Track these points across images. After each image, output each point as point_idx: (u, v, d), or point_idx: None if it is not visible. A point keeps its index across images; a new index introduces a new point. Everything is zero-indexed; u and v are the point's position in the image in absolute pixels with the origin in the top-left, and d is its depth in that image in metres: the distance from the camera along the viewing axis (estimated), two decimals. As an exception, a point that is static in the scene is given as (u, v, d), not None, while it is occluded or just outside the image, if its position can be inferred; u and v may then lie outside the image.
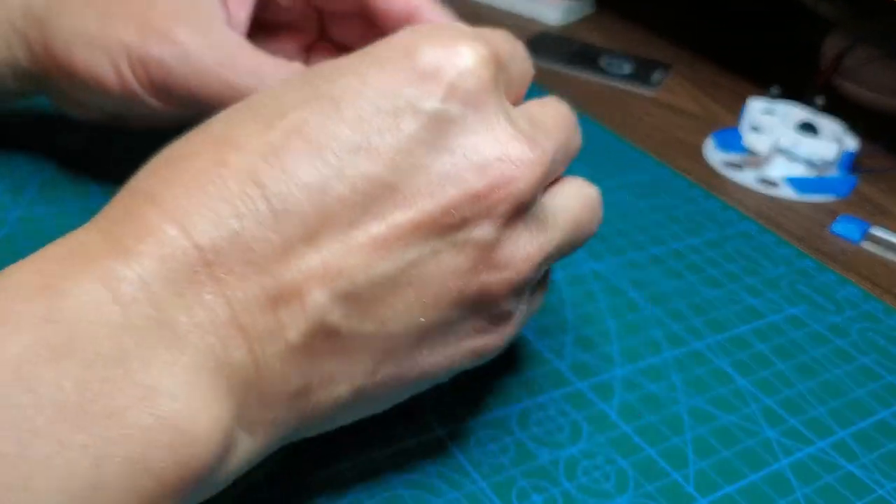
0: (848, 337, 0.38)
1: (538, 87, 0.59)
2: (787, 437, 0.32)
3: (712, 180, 0.50)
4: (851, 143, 0.51)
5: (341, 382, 0.22)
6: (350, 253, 0.21)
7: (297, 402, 0.22)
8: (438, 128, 0.22)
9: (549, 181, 0.25)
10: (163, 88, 0.34)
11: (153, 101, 0.35)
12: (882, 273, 0.43)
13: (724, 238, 0.44)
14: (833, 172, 0.52)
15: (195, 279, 0.20)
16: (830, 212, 0.48)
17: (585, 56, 0.65)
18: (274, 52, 0.39)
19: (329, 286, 0.21)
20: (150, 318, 0.19)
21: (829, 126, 0.52)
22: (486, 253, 0.23)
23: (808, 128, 0.53)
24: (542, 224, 0.25)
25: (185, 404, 0.19)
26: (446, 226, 0.22)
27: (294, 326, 0.21)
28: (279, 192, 0.21)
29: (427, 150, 0.22)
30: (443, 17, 0.36)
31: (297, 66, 0.35)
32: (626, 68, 0.64)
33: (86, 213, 0.38)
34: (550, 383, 0.32)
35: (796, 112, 0.53)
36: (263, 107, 0.22)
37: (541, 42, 0.67)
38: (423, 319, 0.23)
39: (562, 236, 0.26)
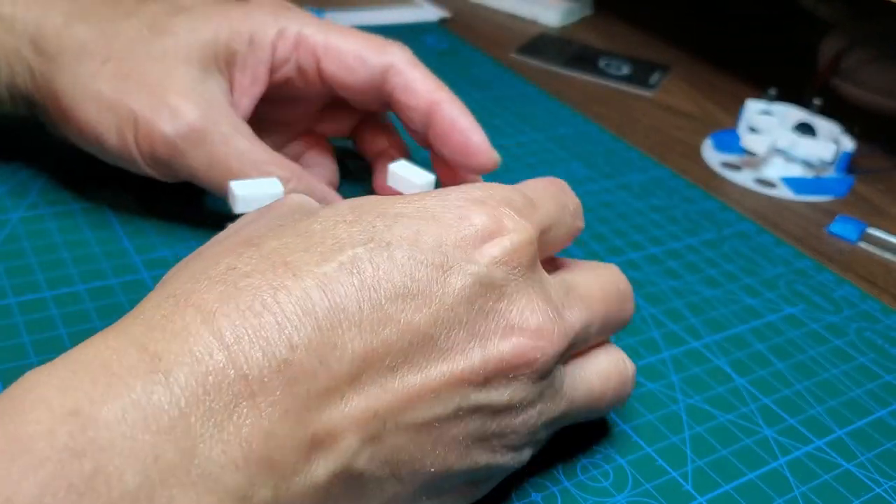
0: (846, 336, 0.38)
1: (538, 89, 0.59)
2: (785, 435, 0.32)
3: (710, 181, 0.50)
4: (849, 143, 0.52)
5: None
6: (386, 398, 0.21)
7: None
8: (480, 290, 0.23)
9: (574, 351, 0.26)
10: (162, 161, 0.35)
11: (147, 169, 0.35)
12: (879, 273, 0.43)
13: (722, 238, 0.44)
14: (830, 173, 0.52)
15: (236, 411, 0.19)
16: (828, 212, 0.49)
17: (584, 57, 0.65)
18: (275, 121, 0.40)
19: (363, 430, 0.21)
20: (183, 451, 0.18)
21: (827, 127, 0.52)
22: (497, 414, 0.24)
23: (805, 129, 0.53)
24: (552, 393, 0.25)
25: None
26: (471, 384, 0.23)
27: (323, 466, 0.21)
28: (331, 325, 0.21)
29: (466, 309, 0.23)
30: (461, 114, 0.37)
31: (294, 167, 0.36)
32: (625, 70, 0.64)
33: (86, 214, 0.38)
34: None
35: (794, 113, 0.53)
36: (315, 235, 0.23)
37: (540, 43, 0.67)
38: (432, 469, 0.23)
39: (569, 407, 0.26)
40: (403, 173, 0.35)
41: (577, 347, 0.26)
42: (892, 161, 0.55)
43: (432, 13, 0.69)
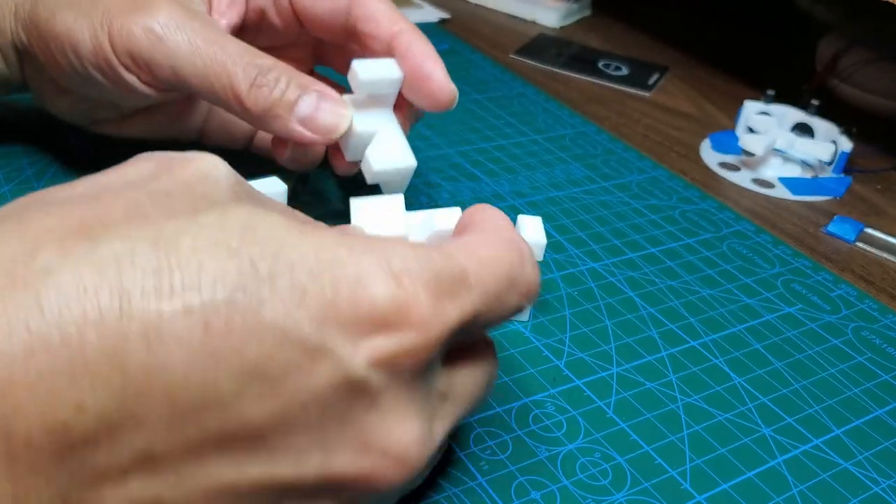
0: (843, 336, 0.38)
1: (537, 90, 0.59)
2: (782, 434, 0.32)
3: (708, 181, 0.51)
4: (846, 144, 0.52)
5: None
6: (180, 489, 0.18)
7: None
8: (346, 394, 0.19)
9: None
10: (140, 56, 0.33)
11: (124, 73, 0.34)
12: (876, 272, 0.44)
13: (719, 238, 0.44)
14: (828, 173, 0.52)
15: None
16: (825, 212, 0.49)
17: (583, 58, 0.66)
18: None
19: None
20: None
21: (825, 127, 0.53)
22: None
23: (803, 129, 0.53)
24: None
25: None
26: (294, 493, 0.19)
27: None
28: (141, 390, 0.16)
29: (320, 412, 0.18)
30: (420, 42, 0.35)
31: (268, 60, 0.33)
32: (623, 70, 0.65)
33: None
34: (548, 380, 0.33)
35: (792, 114, 0.54)
36: (174, 252, 0.18)
37: (539, 44, 0.67)
38: None
39: None
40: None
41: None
42: (889, 161, 0.55)
43: (432, 14, 0.69)
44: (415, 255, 0.20)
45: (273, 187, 0.33)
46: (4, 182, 0.40)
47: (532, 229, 0.34)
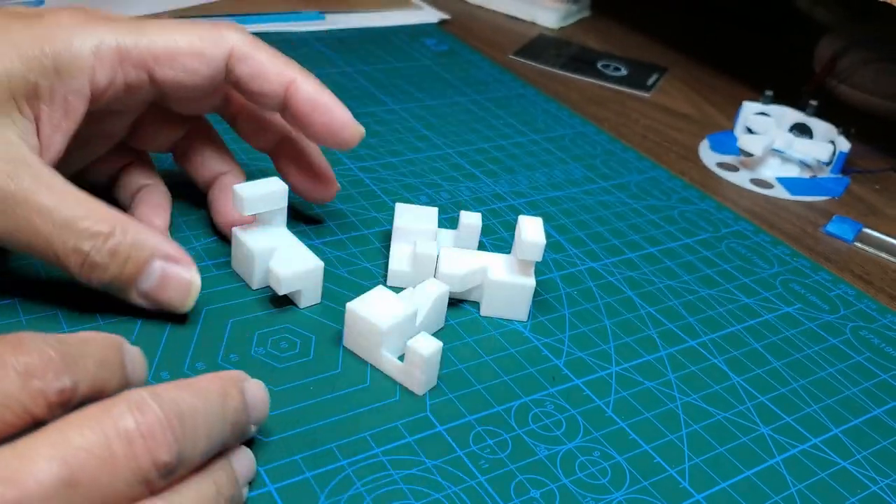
0: (842, 335, 0.38)
1: (536, 90, 0.59)
2: (781, 433, 0.32)
3: (707, 181, 0.51)
4: (844, 144, 0.52)
5: None
6: None
7: None
8: None
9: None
10: None
11: None
12: (875, 272, 0.44)
13: (718, 238, 0.44)
14: (826, 173, 0.52)
15: None
16: (824, 212, 0.49)
17: (582, 59, 0.66)
18: (91, 134, 0.34)
19: None
20: None
21: (823, 128, 0.53)
22: None
23: (801, 129, 0.53)
24: None
25: None
26: None
27: None
28: None
29: None
30: (319, 91, 0.34)
31: (117, 218, 0.30)
32: (623, 71, 0.65)
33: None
34: (548, 380, 0.33)
35: (790, 114, 0.54)
36: None
37: (538, 45, 0.67)
38: None
39: None
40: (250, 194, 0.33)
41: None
42: (887, 161, 0.56)
43: (432, 15, 0.69)
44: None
45: (273, 187, 0.34)
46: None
47: (532, 229, 0.34)
